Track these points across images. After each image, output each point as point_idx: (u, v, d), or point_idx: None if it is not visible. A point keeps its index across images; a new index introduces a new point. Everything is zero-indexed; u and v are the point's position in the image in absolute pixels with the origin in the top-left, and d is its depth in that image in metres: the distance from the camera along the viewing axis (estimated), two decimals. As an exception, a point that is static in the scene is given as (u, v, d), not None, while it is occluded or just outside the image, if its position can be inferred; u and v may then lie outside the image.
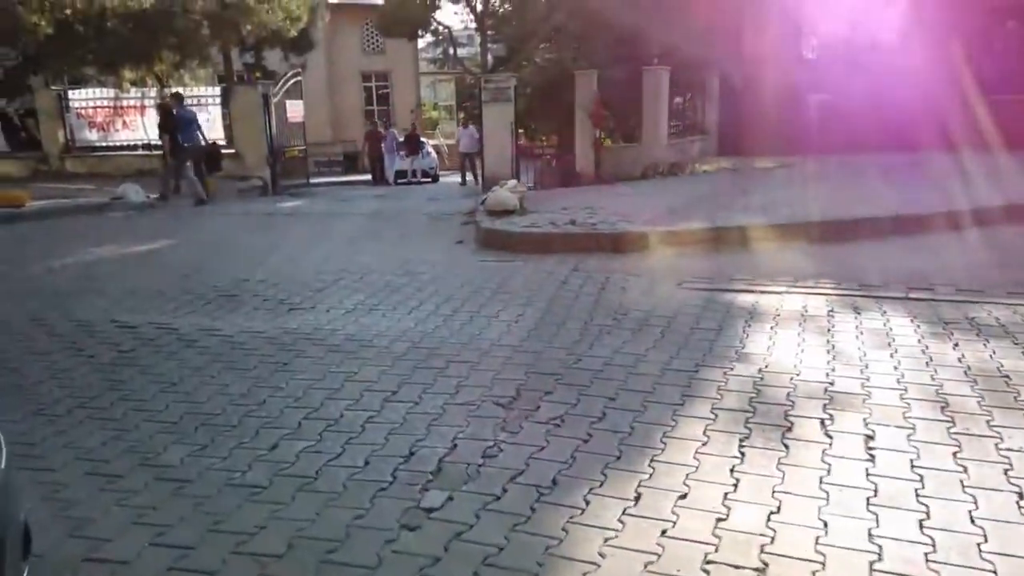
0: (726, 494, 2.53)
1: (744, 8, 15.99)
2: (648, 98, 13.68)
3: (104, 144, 15.69)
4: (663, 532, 2.32)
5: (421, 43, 41.95)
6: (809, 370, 3.68)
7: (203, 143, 12.62)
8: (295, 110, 16.48)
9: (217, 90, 15.36)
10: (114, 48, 13.12)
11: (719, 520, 2.38)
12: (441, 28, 40.89)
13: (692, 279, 5.70)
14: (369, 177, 21.63)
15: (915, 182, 9.89)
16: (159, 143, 15.65)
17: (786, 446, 2.88)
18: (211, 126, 15.46)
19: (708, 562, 2.17)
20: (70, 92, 15.51)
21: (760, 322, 4.55)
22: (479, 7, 38.81)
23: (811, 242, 6.83)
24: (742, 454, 2.82)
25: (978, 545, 2.21)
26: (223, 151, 15.38)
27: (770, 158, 14.07)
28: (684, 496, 2.53)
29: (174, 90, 13.71)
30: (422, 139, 21.95)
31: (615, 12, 15.51)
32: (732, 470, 2.70)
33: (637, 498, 2.53)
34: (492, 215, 8.09)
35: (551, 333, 4.46)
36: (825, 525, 2.33)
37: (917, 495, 2.50)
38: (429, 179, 21.60)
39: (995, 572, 2.10)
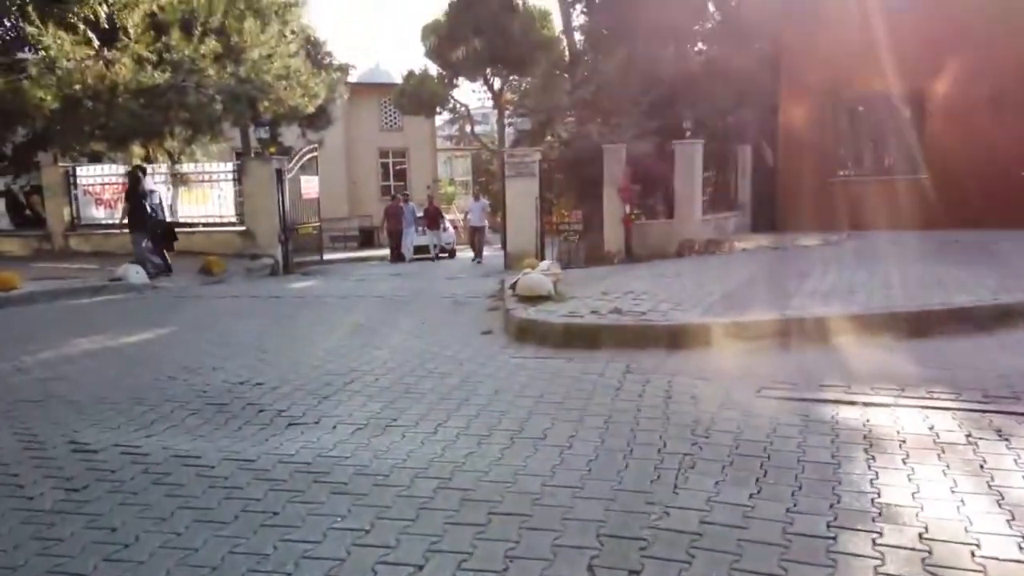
0: None
1: (778, 77, 15.47)
2: (681, 172, 12.98)
3: (110, 222, 15.11)
4: None
5: (438, 120, 42.38)
6: (990, 540, 2.67)
7: (163, 218, 12.39)
8: (310, 186, 15.93)
9: (229, 166, 14.86)
10: (124, 124, 12.64)
11: None
12: (459, 106, 41.41)
13: (773, 384, 4.74)
14: (386, 252, 21.05)
15: (984, 261, 8.97)
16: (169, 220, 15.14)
17: None
18: (222, 204, 14.90)
19: None
20: (78, 169, 15.05)
21: (885, 452, 3.55)
22: (496, 85, 39.33)
23: (899, 336, 5.85)
24: None
25: None
26: (237, 228, 14.79)
27: (811, 235, 13.24)
28: None
29: (136, 162, 13.26)
30: (442, 213, 21.27)
31: (644, 85, 15.03)
32: None
33: None
34: (524, 301, 7.20)
35: (617, 467, 3.48)
36: None
37: None
38: (447, 255, 20.99)
39: None
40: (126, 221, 11.85)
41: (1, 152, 14.39)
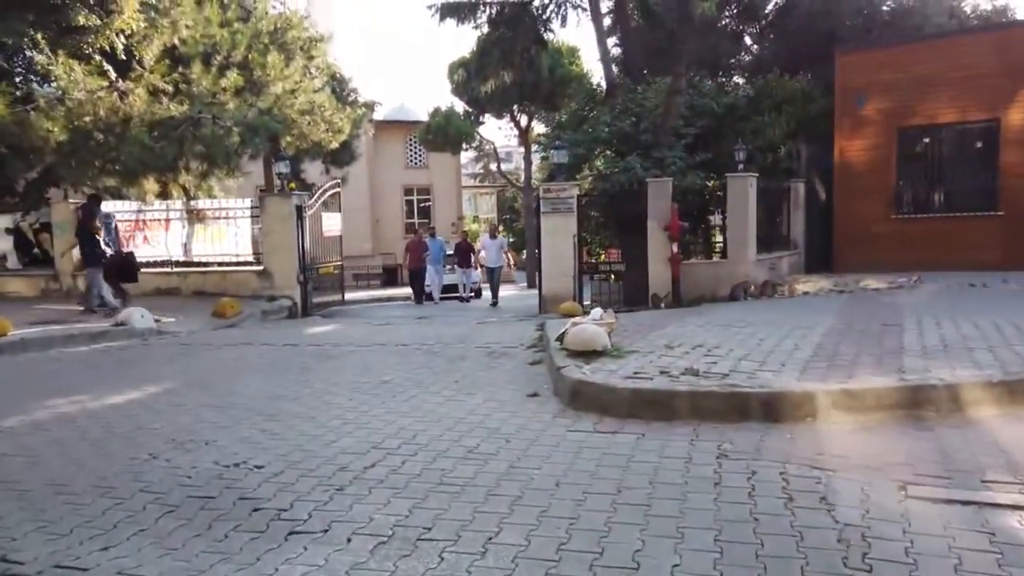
0: None
1: (833, 107, 14.45)
2: (734, 208, 11.93)
3: (123, 260, 14.34)
4: None
5: (462, 158, 41.93)
6: None
7: (117, 251, 11.81)
8: (332, 223, 15.08)
9: (246, 202, 14.07)
10: (136, 157, 11.89)
11: None
12: (485, 142, 40.94)
13: (919, 478, 3.62)
14: (409, 291, 19.61)
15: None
16: (183, 259, 14.35)
17: None
18: (239, 241, 14.07)
19: None
20: (90, 205, 14.34)
21: None
22: (523, 121, 38.82)
23: (1054, 407, 4.70)
24: None
25: None
26: (254, 268, 13.93)
27: (875, 276, 12.07)
28: None
29: (91, 192, 12.51)
30: (474, 249, 19.64)
31: (687, 117, 14.08)
32: None
33: None
34: (574, 356, 6.14)
35: (759, 628, 2.38)
36: None
37: None
38: (473, 295, 19.88)
39: None
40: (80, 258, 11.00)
41: (11, 188, 13.72)
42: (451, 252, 19.96)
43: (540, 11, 19.65)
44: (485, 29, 20.00)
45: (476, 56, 20.26)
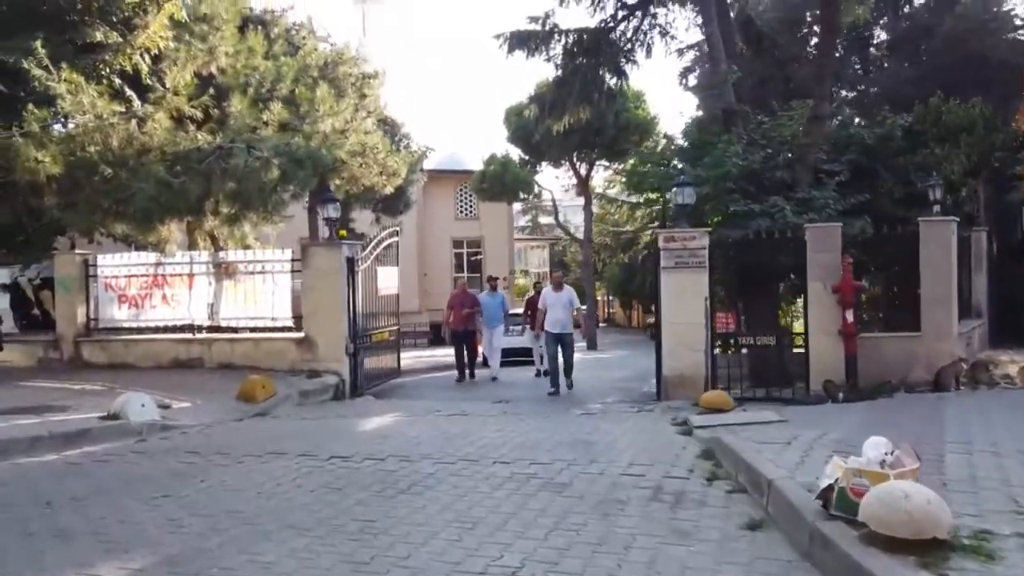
0: None
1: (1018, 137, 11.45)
2: (931, 263, 8.94)
3: (134, 325, 11.79)
4: None
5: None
6: None
7: None
8: (388, 279, 12.41)
9: (286, 253, 11.47)
10: (151, 195, 9.42)
11: None
12: (544, 191, 38.63)
13: None
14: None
15: None
16: (208, 322, 11.76)
17: None
18: (276, 302, 11.43)
19: None
20: (99, 257, 11.90)
21: None
22: (583, 171, 36.39)
23: None
24: None
25: None
26: (293, 335, 11.24)
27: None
28: None
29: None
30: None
31: (831, 151, 11.24)
32: None
33: None
34: (888, 546, 3.17)
35: None
36: None
37: None
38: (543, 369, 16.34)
39: None
40: None
41: (5, 237, 11.37)
42: (518, 311, 17.03)
43: (622, 38, 17.26)
44: (559, 61, 17.69)
45: (552, 88, 17.72)
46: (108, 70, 11.03)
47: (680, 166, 10.89)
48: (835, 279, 8.96)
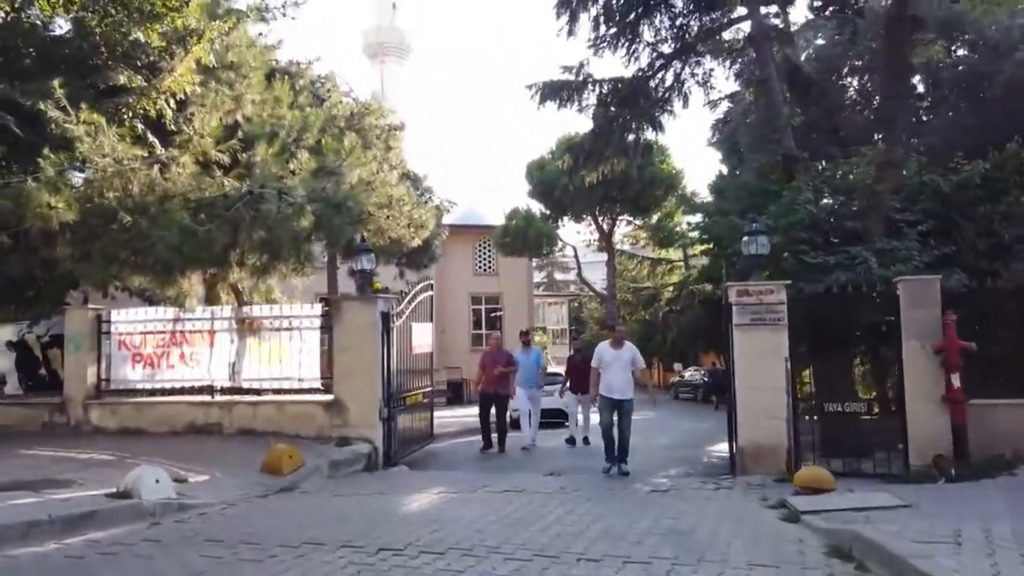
0: None
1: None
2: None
3: (148, 386, 10.85)
4: None
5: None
6: None
7: None
8: (423, 336, 11.49)
9: (316, 309, 10.59)
10: (174, 246, 8.61)
11: None
12: (567, 246, 38.04)
13: None
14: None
15: None
16: (228, 384, 10.82)
17: None
18: (303, 361, 10.50)
19: None
20: (114, 312, 11.05)
21: None
22: (606, 226, 35.75)
23: None
24: None
25: None
26: (321, 398, 10.29)
27: None
28: None
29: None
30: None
31: (904, 200, 10.36)
32: None
33: None
34: None
35: None
36: None
37: None
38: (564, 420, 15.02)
39: None
40: None
41: (13, 293, 10.54)
42: (556, 370, 15.96)
43: (659, 88, 16.68)
44: (591, 112, 17.12)
45: (589, 139, 17.07)
46: (131, 114, 10.38)
47: (747, 215, 9.98)
48: (933, 338, 7.98)
